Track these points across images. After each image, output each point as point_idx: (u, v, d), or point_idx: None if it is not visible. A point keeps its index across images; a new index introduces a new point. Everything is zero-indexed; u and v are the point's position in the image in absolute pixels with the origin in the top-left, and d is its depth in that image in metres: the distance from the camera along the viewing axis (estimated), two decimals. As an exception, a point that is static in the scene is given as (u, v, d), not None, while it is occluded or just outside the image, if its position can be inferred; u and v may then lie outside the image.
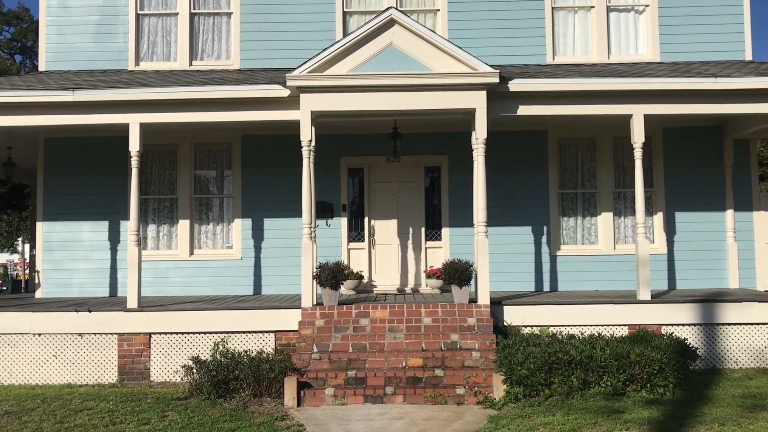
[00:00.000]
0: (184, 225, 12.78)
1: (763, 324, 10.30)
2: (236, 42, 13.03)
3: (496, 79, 10.23)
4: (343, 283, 10.42)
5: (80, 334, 10.30)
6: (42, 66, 13.08)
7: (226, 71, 12.77)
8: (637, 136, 10.62)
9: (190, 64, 13.06)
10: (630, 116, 10.67)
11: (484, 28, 12.84)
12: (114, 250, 12.68)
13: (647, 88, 10.54)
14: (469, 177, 11.00)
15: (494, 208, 11.92)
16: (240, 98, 10.65)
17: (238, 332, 10.29)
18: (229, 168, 12.95)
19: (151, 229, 12.87)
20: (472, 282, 10.22)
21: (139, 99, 10.57)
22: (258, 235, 12.67)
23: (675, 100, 10.65)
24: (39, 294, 12.68)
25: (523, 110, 10.68)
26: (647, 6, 12.98)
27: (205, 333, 10.31)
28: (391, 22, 10.35)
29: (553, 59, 12.91)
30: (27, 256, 27.54)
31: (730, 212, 12.49)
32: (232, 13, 13.08)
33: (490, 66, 10.37)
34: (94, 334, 10.30)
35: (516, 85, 10.48)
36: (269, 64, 12.87)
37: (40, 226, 12.76)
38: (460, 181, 12.44)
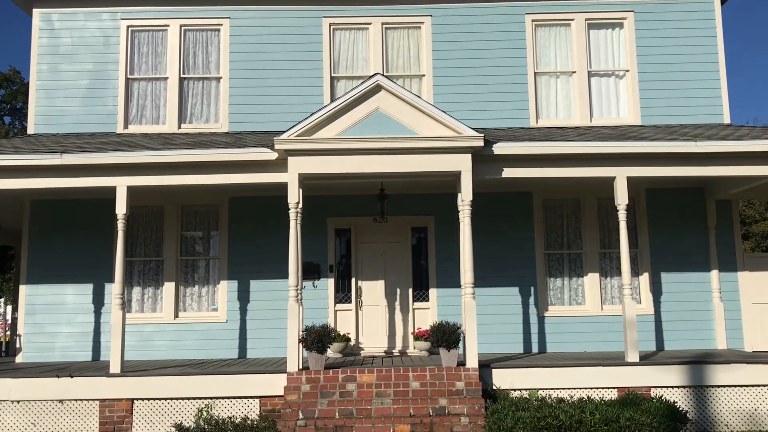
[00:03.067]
0: (169, 287, 12.67)
1: (753, 386, 10.25)
2: (225, 106, 13.20)
3: (481, 143, 10.39)
4: (329, 346, 10.30)
5: (61, 401, 10.07)
6: (31, 129, 13.15)
7: (214, 134, 12.89)
8: (621, 198, 10.76)
9: (179, 127, 13.18)
10: (613, 178, 10.83)
11: (469, 93, 13.10)
12: (98, 313, 12.52)
13: (630, 151, 10.73)
14: (455, 237, 11.05)
15: (481, 268, 11.97)
16: (228, 161, 10.72)
17: (223, 398, 10.09)
18: (216, 229, 12.93)
19: (136, 291, 12.75)
20: (461, 344, 10.14)
21: (126, 162, 10.62)
22: (244, 296, 12.58)
23: (657, 163, 10.84)
24: (20, 359, 12.43)
25: (508, 173, 10.82)
26: (627, 71, 13.33)
27: (188, 399, 10.10)
28: (377, 88, 10.55)
29: (537, 122, 13.15)
30: (9, 317, 27.09)
31: (715, 272, 12.56)
32: (221, 77, 13.29)
33: (475, 129, 10.56)
34: (75, 400, 10.07)
35: (500, 148, 10.64)
36: (257, 127, 13.03)
37: (24, 289, 12.60)
38: (447, 242, 12.48)
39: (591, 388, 10.19)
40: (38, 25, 13.30)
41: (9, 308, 28.96)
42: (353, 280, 12.79)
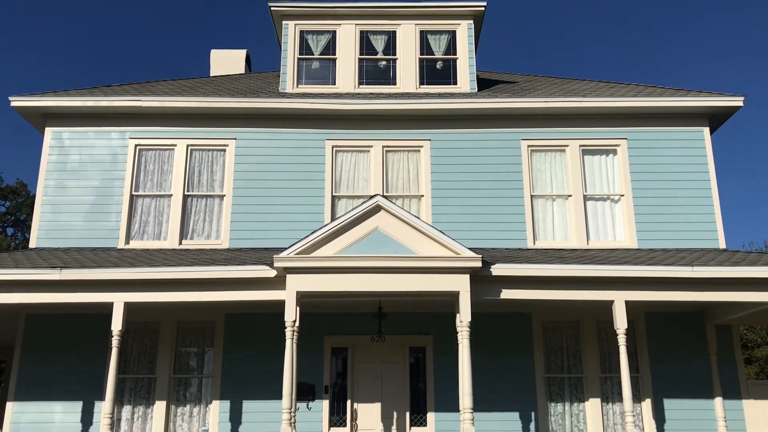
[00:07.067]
0: (160, 406, 12.32)
1: None
2: (227, 222, 13.35)
3: (479, 264, 10.47)
4: (323, 473, 9.92)
5: None
6: (33, 243, 13.22)
7: (215, 250, 12.97)
8: (620, 321, 10.70)
9: (180, 243, 13.27)
10: (612, 302, 10.82)
11: (467, 213, 13.32)
12: (84, 433, 12.13)
13: (627, 276, 10.79)
14: (454, 358, 10.87)
15: (481, 392, 11.66)
16: (227, 278, 10.76)
17: None
18: (211, 346, 12.74)
19: (126, 410, 12.38)
20: (459, 473, 9.77)
21: (125, 279, 10.65)
22: (236, 417, 12.21)
23: (655, 287, 10.87)
24: (-2, 481, 11.93)
25: (507, 294, 10.83)
26: (622, 195, 13.59)
27: None
28: (377, 208, 10.76)
29: (534, 244, 13.27)
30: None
31: (719, 400, 12.25)
32: (224, 195, 13.53)
33: (473, 249, 10.66)
34: None
35: (498, 269, 10.70)
36: (258, 244, 13.13)
37: (10, 407, 12.23)
38: (446, 363, 12.26)
39: None
40: (49, 143, 13.68)
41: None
42: (349, 402, 12.47)
